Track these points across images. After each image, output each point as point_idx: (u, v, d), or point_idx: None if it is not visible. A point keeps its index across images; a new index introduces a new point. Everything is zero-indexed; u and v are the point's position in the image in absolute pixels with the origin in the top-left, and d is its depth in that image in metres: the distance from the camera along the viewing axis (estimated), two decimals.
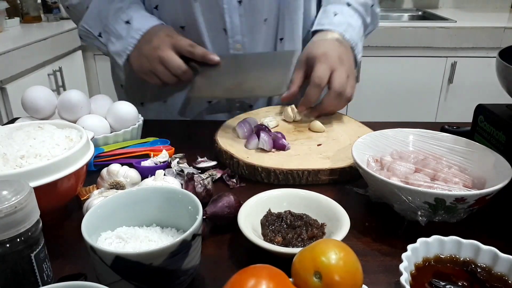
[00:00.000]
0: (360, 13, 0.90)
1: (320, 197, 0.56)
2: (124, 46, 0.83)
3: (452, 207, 0.51)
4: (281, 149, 0.73)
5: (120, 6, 0.83)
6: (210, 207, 0.55)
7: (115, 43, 0.83)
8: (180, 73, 0.80)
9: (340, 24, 0.86)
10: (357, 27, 0.89)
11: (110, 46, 0.84)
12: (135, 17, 0.83)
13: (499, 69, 0.62)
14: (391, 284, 0.47)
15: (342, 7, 0.88)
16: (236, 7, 0.84)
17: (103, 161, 0.71)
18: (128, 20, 0.83)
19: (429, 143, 0.66)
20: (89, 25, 0.84)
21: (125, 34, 0.82)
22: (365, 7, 0.92)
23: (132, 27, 0.82)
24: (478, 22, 2.07)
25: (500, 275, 0.44)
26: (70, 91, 0.77)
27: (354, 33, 0.87)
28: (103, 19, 0.83)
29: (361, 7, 0.90)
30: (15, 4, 2.12)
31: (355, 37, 0.87)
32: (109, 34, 0.83)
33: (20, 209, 0.36)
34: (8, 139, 0.56)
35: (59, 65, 1.86)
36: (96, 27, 0.84)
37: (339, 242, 0.39)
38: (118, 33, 0.83)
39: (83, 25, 0.84)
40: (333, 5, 0.89)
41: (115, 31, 0.83)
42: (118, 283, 0.41)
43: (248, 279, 0.35)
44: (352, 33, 0.86)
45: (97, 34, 0.84)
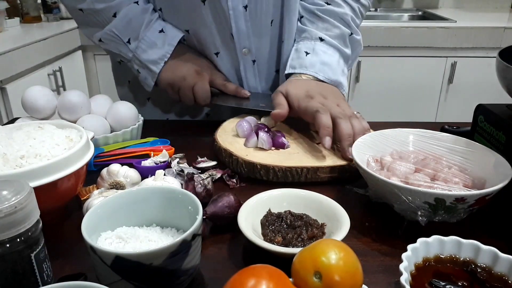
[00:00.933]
0: (335, 46, 0.85)
1: (320, 197, 0.57)
2: (161, 53, 0.85)
3: (452, 207, 0.51)
4: (280, 147, 0.73)
5: (151, 18, 0.85)
6: (210, 207, 0.55)
7: (148, 51, 0.85)
8: (203, 102, 0.86)
9: (312, 65, 0.82)
10: (334, 62, 0.84)
11: (140, 53, 0.85)
12: (167, 26, 0.86)
13: (499, 69, 0.62)
14: (391, 284, 0.47)
15: (314, 44, 0.84)
16: (242, 12, 0.82)
17: (103, 161, 0.71)
18: (162, 29, 0.86)
19: (429, 143, 0.66)
20: (119, 30, 0.84)
21: (161, 42, 0.85)
22: (341, 38, 0.86)
23: (167, 35, 0.85)
24: (478, 22, 2.07)
25: (500, 275, 0.44)
26: (70, 91, 0.77)
27: (331, 71, 0.82)
28: (136, 28, 0.84)
29: (336, 40, 0.85)
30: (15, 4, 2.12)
31: (331, 76, 0.82)
32: (140, 42, 0.85)
33: (20, 209, 0.36)
34: (8, 139, 0.56)
35: (59, 65, 1.86)
36: (125, 34, 0.85)
37: (339, 242, 0.39)
38: (151, 41, 0.85)
39: (112, 30, 0.84)
40: (305, 42, 0.85)
41: (147, 39, 0.85)
42: (118, 283, 0.41)
43: (248, 279, 0.35)
44: (327, 72, 0.82)
45: (126, 40, 0.85)
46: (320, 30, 0.85)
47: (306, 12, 0.88)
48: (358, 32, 0.89)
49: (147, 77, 0.88)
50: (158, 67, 0.86)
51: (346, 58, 0.88)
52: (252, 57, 0.89)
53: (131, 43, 0.85)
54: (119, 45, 0.86)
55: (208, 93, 0.86)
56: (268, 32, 0.87)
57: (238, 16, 0.83)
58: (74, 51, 2.02)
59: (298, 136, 0.78)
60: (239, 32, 0.84)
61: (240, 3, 0.81)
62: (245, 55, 0.88)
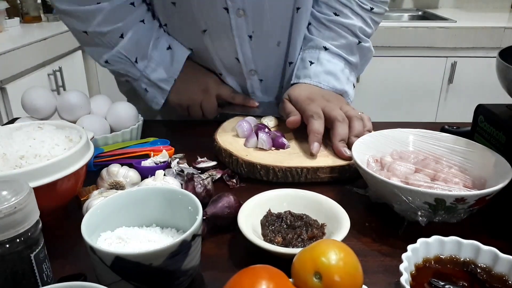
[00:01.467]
0: (340, 55, 0.84)
1: (320, 197, 0.56)
2: (171, 71, 0.86)
3: (452, 207, 0.51)
4: (280, 147, 0.73)
5: (158, 35, 0.85)
6: (210, 207, 0.55)
7: (157, 69, 0.85)
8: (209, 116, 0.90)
9: (316, 75, 0.82)
10: (338, 71, 0.83)
11: (149, 73, 0.85)
12: (174, 43, 0.86)
13: (499, 69, 0.62)
14: (391, 284, 0.47)
15: (318, 53, 0.84)
16: (247, 41, 0.82)
17: (103, 161, 0.71)
18: (169, 46, 0.86)
19: (429, 143, 0.66)
20: (126, 51, 0.83)
21: (169, 60, 0.86)
22: (347, 49, 0.85)
23: (175, 52, 0.86)
24: (478, 22, 2.07)
25: (500, 276, 0.44)
26: (70, 92, 0.77)
27: (335, 81, 0.82)
28: (144, 47, 0.84)
29: (342, 50, 0.84)
30: (15, 4, 2.12)
31: (336, 85, 0.82)
32: (149, 61, 0.85)
33: (20, 209, 0.36)
34: (8, 139, 0.56)
35: (59, 65, 1.86)
36: (133, 54, 0.84)
37: (339, 243, 0.39)
38: (159, 59, 0.85)
39: (120, 51, 0.83)
40: (310, 51, 0.85)
41: (156, 57, 0.85)
42: (118, 283, 0.41)
43: (248, 279, 0.35)
44: (332, 82, 0.82)
45: (133, 60, 0.84)
46: (325, 39, 0.84)
47: (314, 20, 0.86)
48: (366, 40, 0.88)
49: (157, 96, 0.88)
50: (169, 85, 0.86)
51: (352, 66, 0.87)
52: (259, 76, 0.89)
53: (139, 63, 0.84)
54: (126, 65, 0.85)
55: (215, 108, 0.89)
56: (275, 53, 0.87)
57: (243, 44, 0.83)
58: (74, 51, 2.02)
59: (298, 136, 0.78)
60: (245, 58, 0.85)
61: (244, 33, 0.81)
62: (252, 75, 0.89)
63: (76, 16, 0.79)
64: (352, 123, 0.72)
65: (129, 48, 0.83)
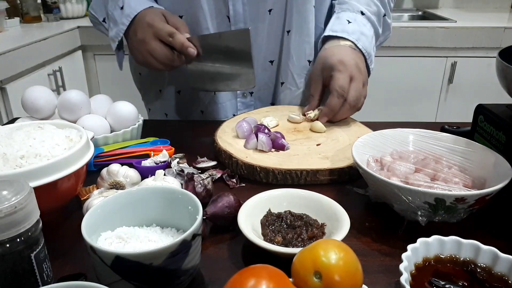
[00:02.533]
0: (372, 23, 0.88)
1: (320, 197, 0.56)
2: (116, 32, 0.83)
3: (452, 207, 0.51)
4: (280, 149, 0.73)
5: None
6: (210, 207, 0.55)
7: (113, 29, 0.84)
8: (170, 62, 0.79)
9: (353, 32, 0.84)
10: (370, 36, 0.87)
11: (109, 32, 0.85)
12: (127, 1, 0.82)
13: (499, 69, 0.62)
14: (391, 284, 0.47)
15: (355, 15, 0.87)
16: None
17: (103, 161, 0.71)
18: (122, 6, 0.82)
19: (429, 143, 0.66)
20: (94, 10, 0.85)
21: (119, 20, 0.83)
22: (378, 16, 0.90)
23: (124, 13, 0.82)
24: (478, 22, 2.07)
25: (500, 275, 0.44)
26: (70, 91, 0.77)
27: (367, 43, 0.85)
28: (106, 5, 0.84)
29: (374, 17, 0.89)
30: (15, 4, 2.12)
31: (368, 47, 0.85)
32: (110, 20, 0.84)
33: (20, 209, 0.36)
34: (8, 139, 0.56)
35: (59, 65, 1.85)
36: (100, 13, 0.85)
37: (339, 242, 0.39)
38: (114, 18, 0.83)
39: (90, 11, 0.85)
40: (346, 12, 0.88)
41: (112, 16, 0.84)
42: (118, 283, 0.41)
43: (248, 279, 0.35)
44: (365, 42, 0.85)
45: (101, 20, 0.85)
46: (361, 4, 0.88)
47: None
48: (390, 16, 0.92)
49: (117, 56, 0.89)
50: (114, 45, 0.85)
51: (377, 36, 0.91)
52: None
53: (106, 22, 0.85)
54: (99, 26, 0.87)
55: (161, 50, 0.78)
56: (265, 20, 0.88)
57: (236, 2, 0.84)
58: (74, 51, 2.02)
59: (298, 138, 0.78)
60: (236, 15, 0.85)
61: None
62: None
63: None
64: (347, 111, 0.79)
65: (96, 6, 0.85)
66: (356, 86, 0.78)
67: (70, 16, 2.22)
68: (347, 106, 0.79)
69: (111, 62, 2.13)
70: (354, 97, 0.78)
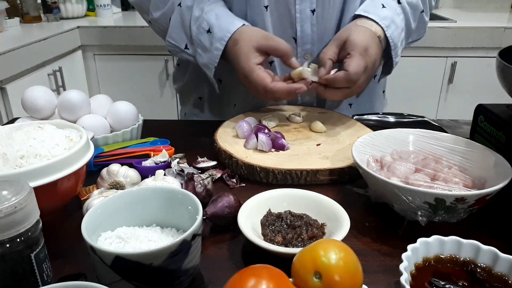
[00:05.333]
0: (406, 15, 0.83)
1: (320, 197, 0.56)
2: (210, 58, 0.79)
3: (452, 207, 0.51)
4: (280, 149, 0.73)
5: (198, 14, 0.79)
6: (210, 207, 0.55)
7: (202, 55, 0.80)
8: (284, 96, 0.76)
9: (385, 18, 0.79)
10: (400, 28, 0.82)
11: (198, 58, 0.81)
12: (215, 24, 0.78)
13: (499, 69, 0.62)
14: (391, 284, 0.47)
15: (391, 2, 0.81)
16: (309, 16, 0.82)
17: (103, 161, 0.71)
18: (209, 29, 0.79)
19: (429, 143, 0.66)
20: (174, 39, 0.81)
21: (209, 45, 0.79)
22: (414, 10, 0.84)
23: (214, 37, 0.78)
24: (478, 22, 2.07)
25: (500, 275, 0.44)
26: (70, 91, 0.77)
27: (396, 33, 0.81)
28: (187, 30, 0.80)
29: (410, 9, 0.83)
30: (15, 4, 2.12)
31: (396, 37, 0.81)
32: (196, 46, 0.80)
33: (20, 209, 0.36)
34: (8, 139, 0.56)
35: (59, 65, 1.85)
36: (181, 40, 0.81)
37: (339, 242, 0.39)
38: (202, 44, 0.80)
39: (169, 40, 0.81)
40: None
41: (199, 42, 0.80)
42: (118, 283, 0.41)
43: (248, 279, 0.35)
44: (394, 32, 0.80)
45: (183, 47, 0.81)
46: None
47: None
48: (428, 14, 0.88)
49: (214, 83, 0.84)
50: (211, 72, 0.81)
51: (409, 32, 0.86)
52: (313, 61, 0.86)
53: (189, 49, 0.81)
54: (182, 53, 0.83)
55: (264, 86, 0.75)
56: (330, 37, 0.85)
57: (305, 20, 0.82)
58: (74, 51, 2.02)
59: (298, 138, 0.78)
60: (303, 36, 0.84)
61: (308, 7, 0.81)
62: (305, 60, 0.86)
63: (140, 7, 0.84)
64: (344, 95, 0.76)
65: (175, 34, 0.81)
66: (365, 78, 0.75)
67: (70, 16, 2.22)
68: (346, 92, 0.75)
69: (111, 62, 2.14)
70: (360, 87, 0.75)
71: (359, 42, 0.74)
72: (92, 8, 2.30)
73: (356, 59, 0.73)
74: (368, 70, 0.75)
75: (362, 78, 0.75)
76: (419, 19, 0.87)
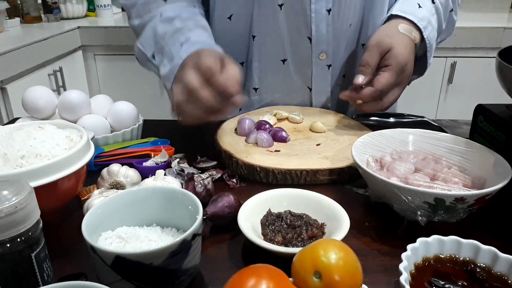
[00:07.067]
0: (439, 15, 0.82)
1: (320, 197, 0.57)
2: (171, 69, 0.71)
3: (452, 207, 0.51)
4: (281, 141, 0.73)
5: (180, 26, 0.75)
6: (210, 207, 0.55)
7: (167, 65, 0.73)
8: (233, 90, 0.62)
9: (423, 18, 0.77)
10: (435, 28, 0.81)
11: (161, 68, 0.75)
12: (192, 38, 0.72)
13: (499, 69, 0.63)
14: (390, 284, 0.47)
15: (426, 2, 0.79)
16: (324, 16, 0.81)
17: (103, 161, 0.71)
18: (184, 42, 0.72)
19: (428, 143, 0.66)
20: (143, 45, 0.79)
21: (176, 55, 0.72)
22: (445, 9, 0.83)
23: (182, 49, 0.71)
24: (478, 22, 2.07)
25: (500, 275, 0.44)
26: (70, 91, 0.77)
27: (432, 34, 0.79)
28: (160, 40, 0.76)
29: (442, 9, 0.82)
30: (16, 4, 2.12)
31: (432, 38, 0.79)
32: (163, 56, 0.75)
33: (21, 209, 0.36)
34: (8, 139, 0.56)
35: (60, 65, 1.85)
36: (149, 48, 0.78)
37: (339, 242, 0.39)
38: (171, 55, 0.73)
39: (138, 45, 0.80)
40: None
41: (169, 52, 0.73)
42: (118, 283, 0.41)
43: (248, 279, 0.35)
44: (430, 33, 0.78)
45: (150, 56, 0.78)
46: None
47: None
48: (456, 13, 0.87)
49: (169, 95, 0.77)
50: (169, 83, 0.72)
51: (439, 31, 0.84)
52: (328, 61, 0.86)
53: (156, 58, 0.77)
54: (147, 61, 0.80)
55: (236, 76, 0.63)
56: (346, 36, 0.85)
57: (320, 19, 0.81)
58: (74, 51, 2.02)
59: (298, 138, 0.78)
60: (318, 36, 0.82)
61: (323, 7, 0.80)
62: (321, 60, 0.85)
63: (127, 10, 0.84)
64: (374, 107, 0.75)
65: (145, 41, 0.79)
66: (398, 93, 0.76)
67: (70, 16, 2.22)
68: (379, 106, 0.75)
69: (111, 62, 2.14)
70: (390, 103, 0.75)
71: (401, 58, 0.73)
72: (93, 8, 2.30)
73: (388, 75, 0.72)
74: (403, 82, 0.75)
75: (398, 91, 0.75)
76: (449, 19, 0.86)
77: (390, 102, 0.76)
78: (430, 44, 0.79)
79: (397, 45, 0.73)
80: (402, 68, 0.73)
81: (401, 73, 0.73)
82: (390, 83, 0.73)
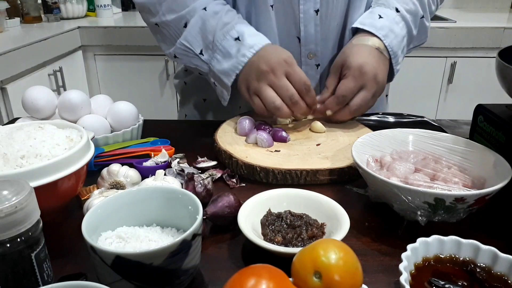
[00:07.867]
0: (407, 22, 0.83)
1: (320, 197, 0.57)
2: (233, 64, 0.77)
3: (452, 207, 0.51)
4: (281, 141, 0.73)
5: (227, 21, 0.78)
6: (210, 207, 0.55)
7: (221, 61, 0.78)
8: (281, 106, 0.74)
9: (382, 28, 0.80)
10: (400, 36, 0.82)
11: (214, 64, 0.79)
12: (246, 33, 0.77)
13: (499, 69, 0.63)
14: (390, 284, 0.47)
15: (389, 12, 0.82)
16: (312, 16, 0.82)
17: (103, 161, 0.71)
18: (238, 37, 0.77)
19: (428, 143, 0.66)
20: (189, 42, 0.79)
21: (235, 52, 0.77)
22: (414, 16, 0.84)
23: (244, 44, 0.76)
24: (478, 22, 2.08)
25: (500, 275, 0.44)
26: (70, 91, 0.77)
27: (395, 41, 0.81)
28: (208, 35, 0.78)
29: (409, 16, 0.83)
30: (16, 4, 2.12)
31: (395, 46, 0.81)
32: (214, 52, 0.78)
33: (21, 209, 0.36)
34: (8, 139, 0.56)
35: (60, 65, 1.86)
36: (197, 44, 0.79)
37: (339, 242, 0.39)
38: (226, 50, 0.77)
39: (182, 42, 0.79)
40: (381, 7, 0.83)
41: (222, 48, 0.77)
42: (119, 283, 0.41)
43: (248, 279, 0.35)
44: (393, 41, 0.80)
45: (198, 52, 0.79)
46: (398, 1, 0.83)
47: None
48: (429, 19, 0.88)
49: (223, 91, 0.81)
50: (230, 79, 0.78)
51: (411, 38, 0.86)
52: (317, 61, 0.88)
53: (204, 54, 0.79)
54: (192, 58, 0.81)
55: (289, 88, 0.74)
56: (333, 36, 0.87)
57: (308, 20, 0.82)
58: (74, 51, 2.02)
59: (298, 138, 0.78)
60: (307, 36, 0.84)
61: (311, 7, 0.81)
62: (309, 59, 0.87)
63: (147, 9, 0.82)
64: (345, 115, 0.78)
65: (191, 37, 0.79)
66: (364, 95, 0.76)
67: (70, 16, 2.22)
68: (347, 111, 0.78)
69: (112, 62, 2.14)
70: (357, 105, 0.76)
71: (353, 63, 0.76)
72: (93, 8, 2.30)
73: (346, 81, 0.76)
74: (368, 85, 0.76)
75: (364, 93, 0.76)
76: (420, 25, 0.87)
77: (358, 105, 0.76)
78: (393, 51, 0.81)
79: (350, 54, 0.78)
80: (359, 71, 0.75)
81: (360, 75, 0.75)
82: (349, 87, 0.76)
